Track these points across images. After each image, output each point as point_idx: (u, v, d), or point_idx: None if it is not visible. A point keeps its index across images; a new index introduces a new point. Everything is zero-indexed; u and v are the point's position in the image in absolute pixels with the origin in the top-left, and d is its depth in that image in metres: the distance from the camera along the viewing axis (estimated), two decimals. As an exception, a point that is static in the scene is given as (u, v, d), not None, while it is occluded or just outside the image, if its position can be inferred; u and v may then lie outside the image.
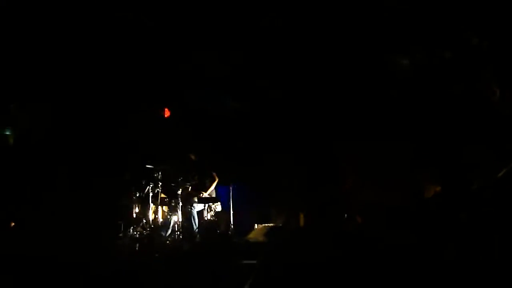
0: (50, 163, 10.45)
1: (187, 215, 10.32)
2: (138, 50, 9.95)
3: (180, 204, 10.18)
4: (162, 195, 10.45)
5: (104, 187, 10.53)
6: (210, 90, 11.28)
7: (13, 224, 8.60)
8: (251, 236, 10.21)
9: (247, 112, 11.35)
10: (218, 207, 10.84)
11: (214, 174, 10.87)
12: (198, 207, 10.58)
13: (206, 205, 10.64)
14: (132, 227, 9.87)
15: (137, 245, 9.28)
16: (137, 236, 9.68)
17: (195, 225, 10.34)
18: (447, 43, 7.59)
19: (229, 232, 10.39)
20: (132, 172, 10.77)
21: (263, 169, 10.86)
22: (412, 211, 6.04)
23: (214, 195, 10.96)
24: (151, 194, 10.13)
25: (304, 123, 10.20)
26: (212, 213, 10.69)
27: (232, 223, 10.54)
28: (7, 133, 11.64)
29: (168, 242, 9.83)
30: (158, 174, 10.33)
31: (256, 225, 10.45)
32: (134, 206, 10.25)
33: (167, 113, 12.80)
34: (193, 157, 11.10)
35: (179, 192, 10.26)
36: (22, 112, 11.29)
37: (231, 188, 10.91)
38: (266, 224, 10.52)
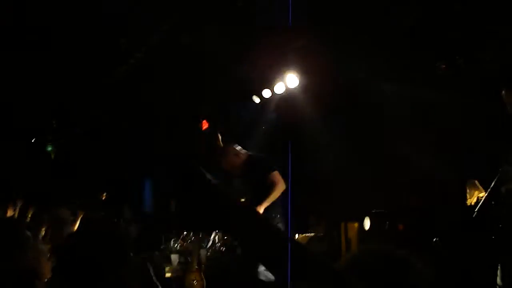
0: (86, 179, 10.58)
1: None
2: (179, 65, 10.01)
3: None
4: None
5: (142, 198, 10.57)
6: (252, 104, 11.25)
7: None
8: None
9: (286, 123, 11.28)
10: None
11: None
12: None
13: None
14: (173, 239, 9.85)
15: (178, 256, 9.25)
16: (178, 248, 9.66)
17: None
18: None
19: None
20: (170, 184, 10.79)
21: (302, 177, 10.71)
22: (455, 217, 5.88)
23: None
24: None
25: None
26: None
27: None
28: (49, 149, 11.86)
29: (208, 254, 9.77)
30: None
31: (297, 234, 10.31)
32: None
33: (204, 125, 12.82)
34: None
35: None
36: (61, 134, 11.50)
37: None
38: (306, 234, 10.38)
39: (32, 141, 11.45)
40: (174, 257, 9.23)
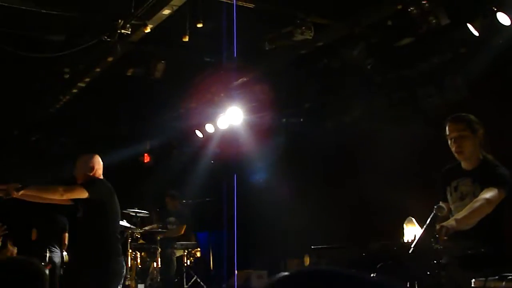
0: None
1: (165, 261, 10.14)
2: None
3: (159, 249, 10.00)
4: (140, 241, 10.31)
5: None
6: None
7: None
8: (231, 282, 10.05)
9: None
10: (197, 253, 10.69)
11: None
12: (177, 253, 10.42)
13: (186, 251, 10.47)
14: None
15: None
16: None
17: (173, 271, 10.19)
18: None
19: (209, 278, 10.24)
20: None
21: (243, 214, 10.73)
22: (393, 252, 5.97)
23: (194, 241, 10.82)
24: (129, 239, 9.95)
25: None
26: (192, 259, 10.52)
27: (212, 268, 10.38)
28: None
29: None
30: (138, 219, 10.19)
31: (236, 271, 10.28)
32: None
33: (146, 159, 12.77)
34: (170, 200, 10.98)
35: (158, 238, 10.11)
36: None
37: (210, 233, 10.79)
38: (247, 271, 10.36)
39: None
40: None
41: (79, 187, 5.75)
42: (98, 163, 6.06)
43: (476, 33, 6.53)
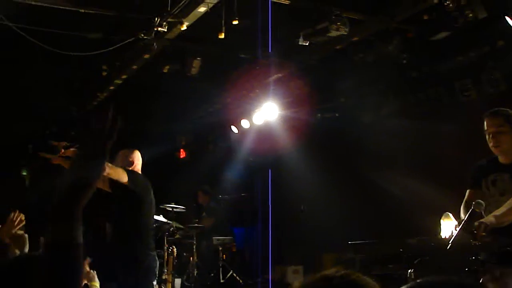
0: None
1: (201, 255, 10.22)
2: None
3: (195, 244, 10.08)
4: (177, 235, 10.40)
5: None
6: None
7: None
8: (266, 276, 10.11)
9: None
10: (233, 247, 10.77)
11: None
12: (214, 247, 10.50)
13: (222, 245, 10.54)
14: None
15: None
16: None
17: (209, 266, 10.27)
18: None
19: (245, 273, 10.29)
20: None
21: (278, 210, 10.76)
22: (429, 248, 5.93)
23: (230, 236, 10.90)
24: (166, 234, 10.04)
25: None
26: (228, 253, 10.60)
27: (248, 263, 10.43)
28: (24, 173, 11.76)
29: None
30: (174, 214, 10.28)
31: (272, 265, 10.34)
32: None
33: (182, 154, 12.88)
34: (201, 194, 11.06)
35: (195, 232, 10.19)
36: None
37: (246, 228, 10.84)
38: (283, 265, 10.41)
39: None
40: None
41: (122, 169, 5.63)
42: (138, 159, 6.06)
43: (514, 26, 6.45)
